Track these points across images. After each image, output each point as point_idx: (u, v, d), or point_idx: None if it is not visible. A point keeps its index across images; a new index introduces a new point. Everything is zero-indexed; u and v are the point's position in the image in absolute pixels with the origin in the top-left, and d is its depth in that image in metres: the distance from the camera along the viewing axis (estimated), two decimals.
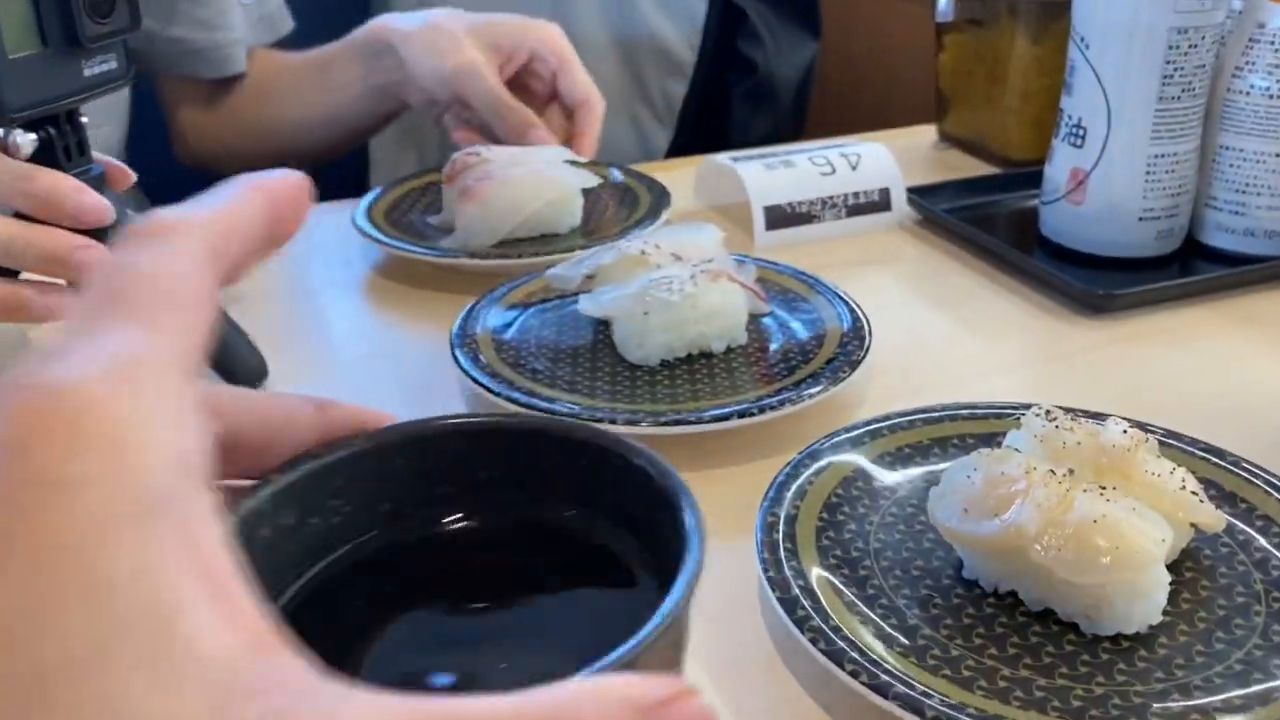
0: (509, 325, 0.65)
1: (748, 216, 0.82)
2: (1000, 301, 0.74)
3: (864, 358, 0.59)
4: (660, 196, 0.84)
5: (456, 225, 0.76)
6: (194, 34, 0.96)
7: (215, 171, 1.06)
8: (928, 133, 1.05)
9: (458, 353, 0.60)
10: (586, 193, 0.81)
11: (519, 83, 0.90)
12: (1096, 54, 0.73)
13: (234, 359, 0.60)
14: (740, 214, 0.87)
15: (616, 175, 0.89)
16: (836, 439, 0.50)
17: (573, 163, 0.81)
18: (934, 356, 0.67)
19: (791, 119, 1.25)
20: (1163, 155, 0.73)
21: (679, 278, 0.60)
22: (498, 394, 0.56)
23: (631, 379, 0.59)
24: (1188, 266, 0.77)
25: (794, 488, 0.47)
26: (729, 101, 1.22)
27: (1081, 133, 0.75)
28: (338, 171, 1.30)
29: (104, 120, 0.96)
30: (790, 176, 0.83)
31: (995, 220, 0.85)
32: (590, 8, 1.14)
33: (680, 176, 0.95)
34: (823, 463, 0.49)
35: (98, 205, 0.55)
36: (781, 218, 0.82)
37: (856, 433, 0.51)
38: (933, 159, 1.01)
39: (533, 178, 0.77)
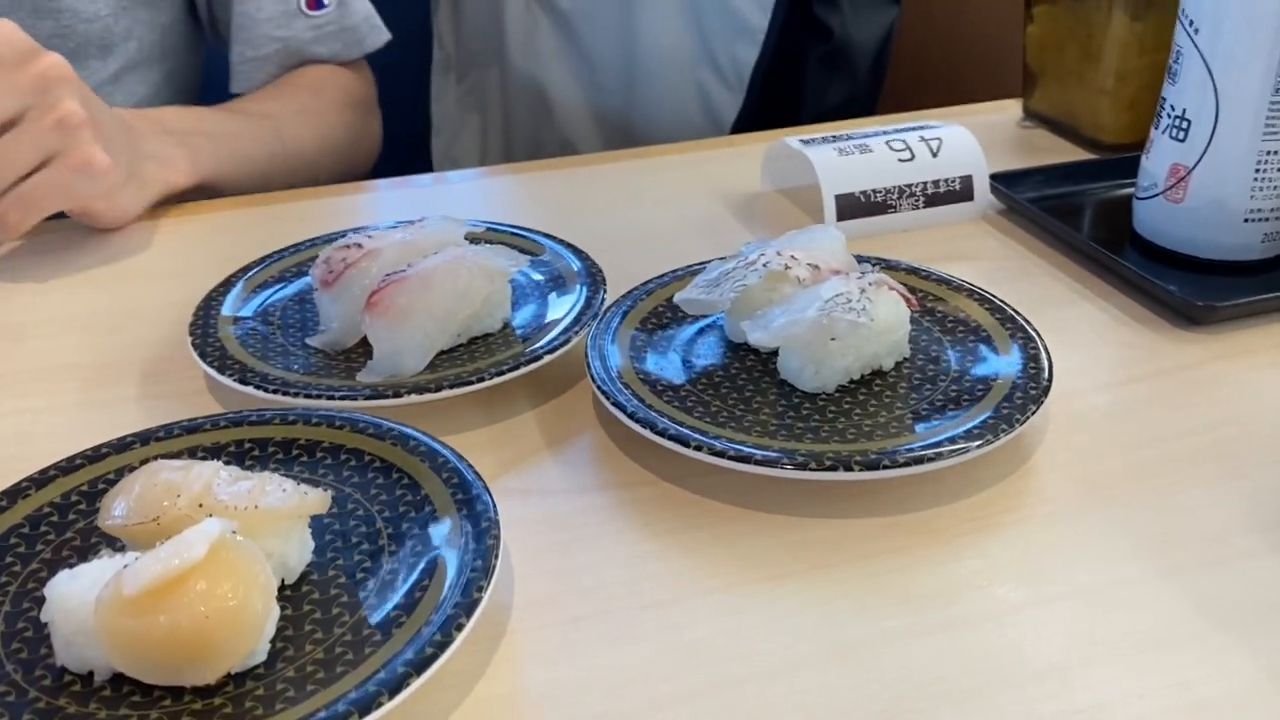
0: (642, 358, 0.59)
1: (817, 203, 0.77)
2: (1089, 307, 0.68)
3: (1049, 381, 0.56)
4: (587, 268, 0.67)
5: (375, 350, 0.58)
6: (230, 42, 0.94)
7: None
8: (1012, 109, 0.99)
9: (612, 393, 0.55)
10: None
11: None
12: (1207, 40, 0.67)
13: None
14: (809, 200, 0.83)
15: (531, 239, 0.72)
16: None
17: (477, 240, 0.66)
18: None
19: (867, 88, 1.19)
20: (1275, 152, 0.67)
21: (852, 293, 0.55)
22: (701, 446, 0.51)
23: (814, 409, 0.55)
24: None
25: None
26: (802, 69, 1.16)
27: (1185, 125, 0.69)
28: (396, 134, 1.27)
29: None
30: (865, 162, 0.78)
31: (1085, 212, 0.80)
32: None
33: (747, 154, 0.91)
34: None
35: None
36: (854, 207, 0.77)
37: None
38: (1017, 139, 0.95)
39: (459, 269, 0.59)
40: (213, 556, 0.39)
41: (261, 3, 0.92)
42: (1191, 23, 0.68)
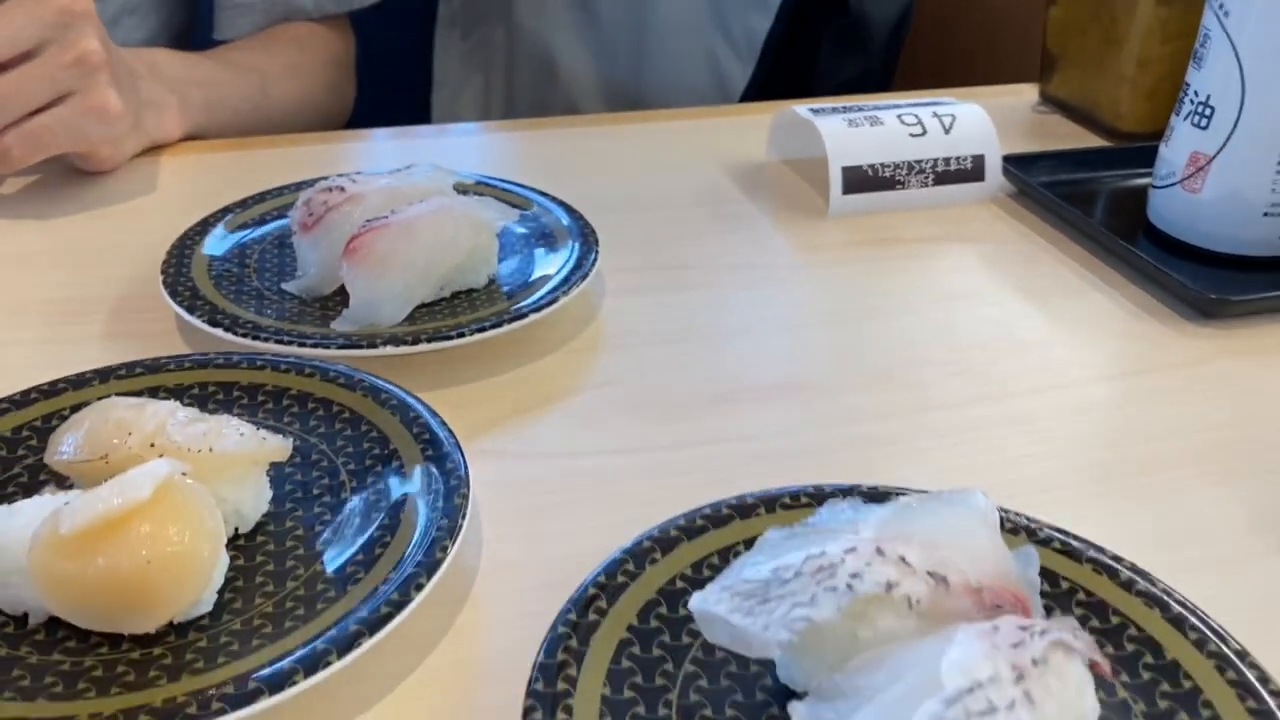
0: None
1: (823, 175, 0.75)
2: (1098, 296, 0.66)
3: None
4: (578, 226, 0.65)
5: (352, 299, 0.56)
6: None
7: None
8: (1028, 93, 0.97)
9: None
10: None
11: None
12: (1236, 23, 0.64)
13: None
14: (815, 173, 0.80)
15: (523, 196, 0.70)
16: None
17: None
18: (1020, 356, 0.60)
19: (882, 65, 1.16)
20: None
21: (1000, 683, 0.29)
22: None
23: None
24: None
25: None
26: (816, 41, 1.13)
27: (1208, 112, 0.67)
28: (395, 90, 1.24)
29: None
30: (875, 135, 0.75)
31: (1099, 200, 0.77)
32: None
33: (755, 123, 0.88)
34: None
35: None
36: (861, 180, 0.75)
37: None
38: (1032, 123, 0.92)
39: (444, 218, 0.57)
40: (158, 498, 0.37)
41: None
42: (1221, 5, 0.65)
